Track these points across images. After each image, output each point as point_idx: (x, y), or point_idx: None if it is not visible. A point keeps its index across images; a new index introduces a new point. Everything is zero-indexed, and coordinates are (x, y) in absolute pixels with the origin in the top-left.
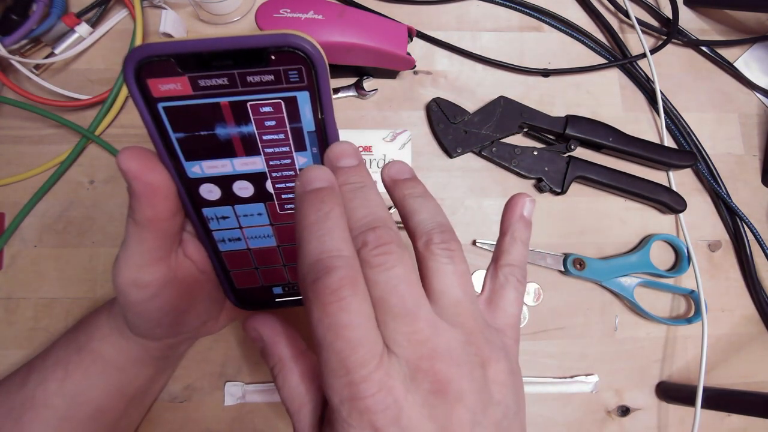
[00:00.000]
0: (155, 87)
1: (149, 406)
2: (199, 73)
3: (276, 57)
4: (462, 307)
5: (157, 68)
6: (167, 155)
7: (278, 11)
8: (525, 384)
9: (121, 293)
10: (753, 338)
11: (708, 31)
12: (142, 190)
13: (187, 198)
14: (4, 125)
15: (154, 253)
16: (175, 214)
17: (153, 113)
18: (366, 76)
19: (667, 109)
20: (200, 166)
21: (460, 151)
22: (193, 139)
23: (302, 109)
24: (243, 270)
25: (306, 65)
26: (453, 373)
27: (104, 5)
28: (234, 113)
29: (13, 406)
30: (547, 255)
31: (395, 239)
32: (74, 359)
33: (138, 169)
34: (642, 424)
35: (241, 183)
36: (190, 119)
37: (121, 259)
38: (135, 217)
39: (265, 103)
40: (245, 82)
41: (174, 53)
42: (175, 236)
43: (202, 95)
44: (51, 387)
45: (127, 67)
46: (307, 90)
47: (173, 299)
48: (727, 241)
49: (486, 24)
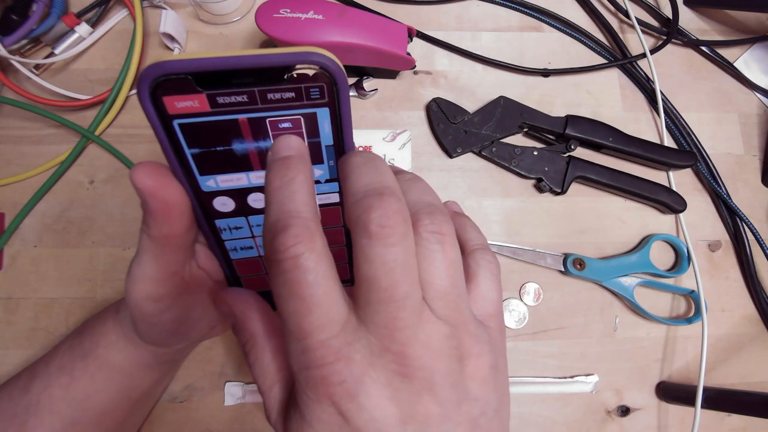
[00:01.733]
0: (171, 104)
1: (152, 407)
2: (218, 91)
3: (298, 75)
4: (449, 299)
5: (174, 86)
6: (181, 170)
7: (278, 11)
8: (525, 384)
9: (134, 306)
10: (753, 338)
11: (708, 31)
12: (159, 207)
13: (200, 210)
14: (4, 125)
15: (169, 267)
16: (189, 229)
17: (168, 130)
18: (366, 76)
19: (667, 109)
20: (215, 180)
21: (460, 151)
22: (209, 155)
23: (321, 124)
24: (253, 275)
25: (328, 82)
26: (425, 360)
27: (104, 5)
28: (252, 129)
29: (16, 411)
30: (547, 255)
31: (402, 212)
32: (79, 365)
33: (153, 186)
34: (642, 424)
35: (257, 195)
36: (207, 135)
37: (135, 273)
38: (150, 233)
39: (284, 119)
40: (265, 99)
41: (193, 71)
42: (189, 249)
43: (220, 112)
44: (56, 393)
45: (142, 85)
46: (327, 106)
47: (187, 309)
48: (727, 241)
49: (486, 24)
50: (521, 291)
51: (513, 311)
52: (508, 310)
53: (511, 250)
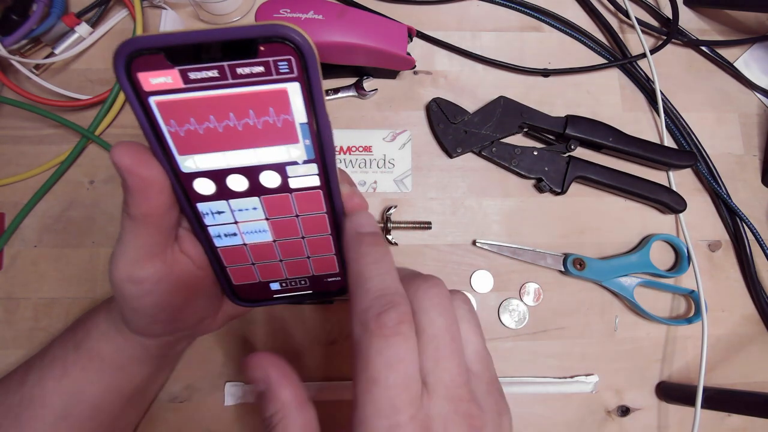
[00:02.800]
0: (146, 81)
1: (148, 406)
2: (189, 66)
3: (265, 48)
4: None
5: (147, 62)
6: (160, 150)
7: (278, 11)
8: (525, 384)
9: (116, 288)
10: (753, 338)
11: (708, 31)
12: (136, 184)
13: (181, 193)
14: (4, 125)
15: (150, 249)
16: (169, 209)
17: (144, 107)
18: (366, 76)
19: (667, 109)
20: (193, 161)
21: (460, 151)
22: (185, 133)
23: (293, 100)
24: (240, 266)
25: (295, 56)
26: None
27: (104, 5)
28: (225, 106)
29: (11, 405)
30: (547, 255)
31: (406, 318)
32: (72, 357)
33: (131, 164)
34: (642, 424)
35: (235, 177)
36: (182, 113)
37: (116, 254)
38: (129, 211)
39: (256, 95)
40: (235, 74)
41: (163, 46)
42: (170, 231)
43: (193, 88)
44: (49, 385)
45: (117, 62)
46: (297, 81)
47: (169, 295)
48: (727, 241)
49: (486, 24)
50: (521, 291)
51: (513, 311)
52: (508, 310)
53: (511, 250)
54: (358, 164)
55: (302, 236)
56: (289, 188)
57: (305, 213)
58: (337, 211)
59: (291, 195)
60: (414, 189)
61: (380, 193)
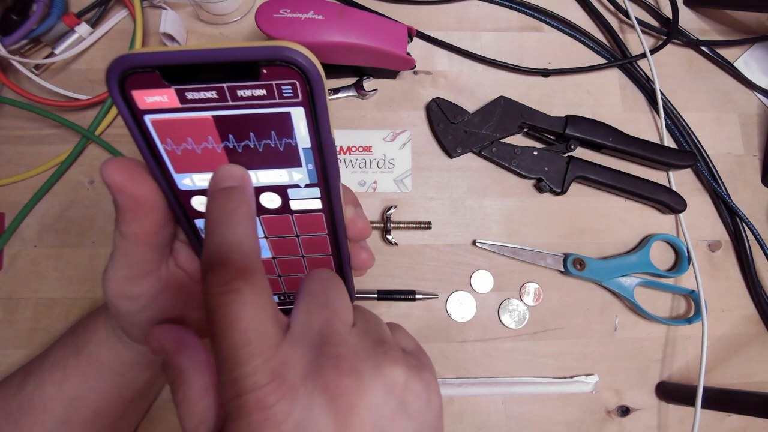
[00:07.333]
0: (140, 99)
1: (148, 408)
2: (186, 86)
3: (268, 71)
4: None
5: (142, 80)
6: (156, 167)
7: (278, 11)
8: (525, 384)
9: (111, 304)
10: (753, 338)
11: (708, 31)
12: (128, 203)
13: (179, 209)
14: (4, 125)
15: (142, 266)
16: (162, 227)
17: (140, 125)
18: (366, 76)
19: (667, 109)
20: (191, 179)
21: (460, 151)
22: (183, 152)
23: (296, 125)
24: None
25: (300, 80)
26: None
27: (104, 5)
28: (224, 128)
29: (10, 410)
30: (547, 255)
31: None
32: (71, 363)
33: (122, 182)
34: (642, 424)
35: None
36: (178, 132)
37: (109, 272)
38: (120, 230)
39: (256, 118)
40: (235, 96)
41: (157, 65)
42: (164, 248)
43: (190, 108)
44: (49, 391)
45: (110, 79)
46: (301, 105)
47: (165, 310)
48: (727, 241)
49: (486, 24)
50: (521, 291)
51: (513, 311)
52: (508, 310)
53: (511, 250)
54: (358, 164)
55: (302, 255)
56: (290, 210)
57: (306, 234)
58: (339, 232)
59: (291, 216)
60: (414, 189)
61: (380, 193)
